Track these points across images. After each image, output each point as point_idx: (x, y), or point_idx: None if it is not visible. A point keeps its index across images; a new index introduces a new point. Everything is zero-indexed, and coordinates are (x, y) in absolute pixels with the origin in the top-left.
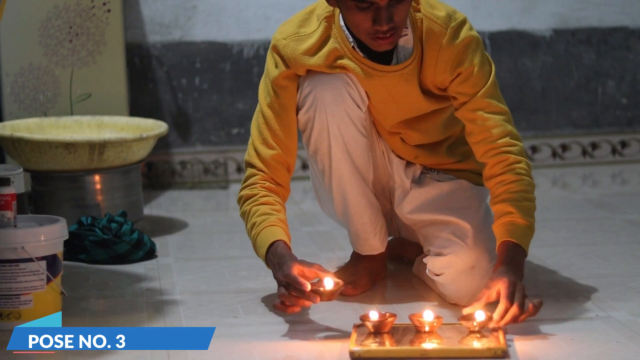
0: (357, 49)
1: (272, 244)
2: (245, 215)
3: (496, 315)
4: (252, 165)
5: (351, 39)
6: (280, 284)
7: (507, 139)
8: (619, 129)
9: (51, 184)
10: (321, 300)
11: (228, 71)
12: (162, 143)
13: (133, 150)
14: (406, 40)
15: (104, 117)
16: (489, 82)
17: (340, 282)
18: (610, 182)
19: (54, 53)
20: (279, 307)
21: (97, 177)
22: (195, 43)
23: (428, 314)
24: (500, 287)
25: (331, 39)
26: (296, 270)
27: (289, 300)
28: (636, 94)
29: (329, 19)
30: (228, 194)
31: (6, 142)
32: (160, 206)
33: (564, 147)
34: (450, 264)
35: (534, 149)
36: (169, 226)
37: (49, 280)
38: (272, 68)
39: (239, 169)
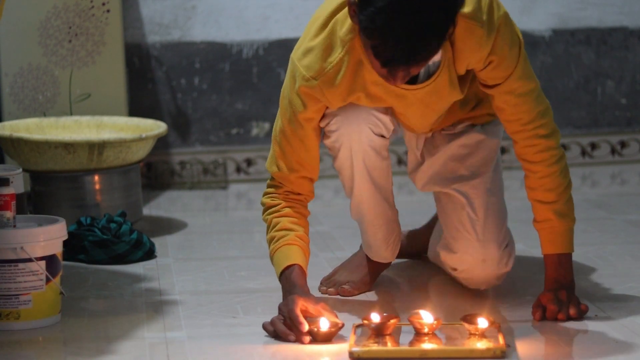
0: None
1: (287, 267)
2: (266, 225)
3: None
4: (272, 178)
5: None
6: (280, 313)
7: (537, 121)
8: (618, 129)
9: (50, 184)
10: (316, 341)
11: (227, 71)
12: (161, 143)
13: (132, 151)
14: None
15: (103, 117)
16: (519, 62)
17: (339, 323)
18: (610, 182)
19: (53, 53)
20: (266, 329)
21: (96, 177)
22: (194, 43)
23: (428, 316)
24: (544, 301)
25: (358, 70)
26: (299, 307)
27: (281, 331)
28: (635, 94)
29: (353, 45)
30: (227, 194)
31: (5, 142)
32: (160, 206)
33: (564, 147)
34: (461, 261)
35: None
36: (168, 226)
37: (48, 280)
38: (298, 103)
39: (239, 169)
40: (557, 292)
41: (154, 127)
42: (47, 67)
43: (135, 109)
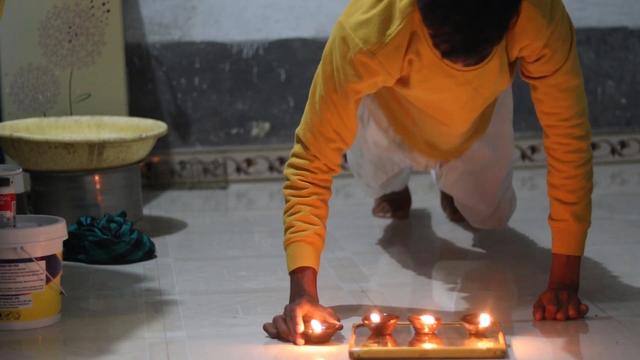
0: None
1: (300, 269)
2: (287, 204)
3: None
4: (305, 147)
5: None
6: (284, 313)
7: (574, 120)
8: (618, 129)
9: (50, 184)
10: (312, 343)
11: (227, 71)
12: (161, 143)
13: (132, 151)
14: None
15: (103, 117)
16: (570, 57)
17: (336, 324)
18: (610, 182)
19: (53, 53)
20: (267, 330)
21: (96, 177)
22: (194, 43)
23: (428, 316)
24: (544, 300)
25: (415, 38)
26: (303, 309)
27: (281, 331)
28: (635, 94)
29: (412, 19)
30: (227, 194)
31: (5, 142)
32: (160, 206)
33: None
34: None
35: (534, 149)
36: (168, 226)
37: (48, 280)
38: (351, 73)
39: (239, 169)
40: (559, 291)
41: (154, 127)
42: (47, 67)
43: (135, 109)
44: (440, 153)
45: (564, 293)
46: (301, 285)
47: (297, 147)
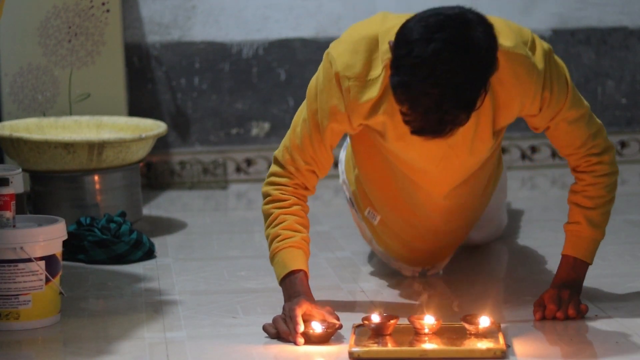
0: None
1: (292, 272)
2: (269, 217)
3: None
4: (283, 167)
5: None
6: (283, 313)
7: (589, 143)
8: (618, 129)
9: (50, 184)
10: (312, 342)
11: (227, 71)
12: (161, 143)
13: (132, 151)
14: None
15: (103, 117)
16: (569, 92)
17: (336, 324)
18: None
19: (53, 53)
20: (267, 330)
21: (96, 177)
22: (194, 43)
23: (428, 316)
24: (545, 298)
25: (388, 96)
26: (302, 309)
27: (281, 331)
28: (636, 94)
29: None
30: (227, 194)
31: (5, 142)
32: (159, 206)
33: None
34: None
35: (534, 149)
36: (168, 226)
37: (47, 280)
38: (327, 116)
39: (238, 169)
40: (560, 290)
41: (154, 127)
42: (47, 67)
43: (135, 109)
44: (425, 255)
45: (565, 292)
46: (295, 286)
47: (274, 168)
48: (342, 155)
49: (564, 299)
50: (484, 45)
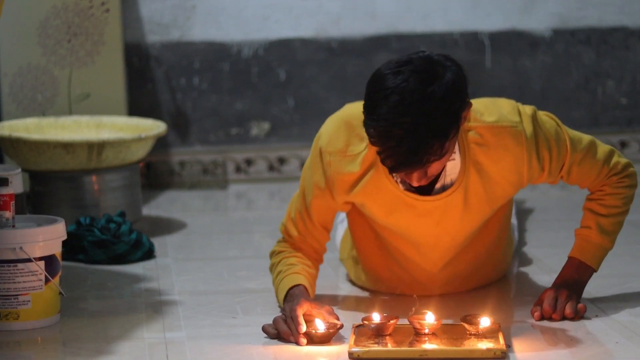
0: (398, 182)
1: (291, 287)
2: (273, 267)
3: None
4: (284, 238)
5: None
6: (283, 313)
7: (602, 172)
8: (618, 129)
9: (50, 184)
10: (314, 342)
11: (227, 71)
12: (160, 143)
13: (132, 151)
14: (453, 165)
15: (102, 117)
16: (567, 139)
17: (338, 324)
18: None
19: (53, 53)
20: (267, 331)
21: (95, 178)
22: (194, 43)
23: (428, 316)
24: (543, 298)
25: (373, 168)
26: (303, 308)
27: (282, 331)
28: (636, 94)
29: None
30: (227, 194)
31: (4, 142)
32: (159, 206)
33: None
34: None
35: None
36: (168, 226)
37: (47, 280)
38: (312, 174)
39: (238, 169)
40: (558, 290)
41: (154, 127)
42: (47, 66)
43: (135, 109)
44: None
45: (563, 292)
46: (295, 294)
47: (281, 234)
48: (339, 233)
49: (562, 299)
50: (452, 76)
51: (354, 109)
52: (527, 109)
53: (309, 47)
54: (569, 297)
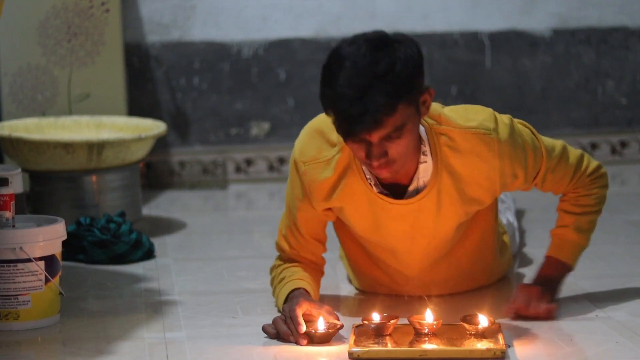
0: (372, 184)
1: (291, 291)
2: (273, 280)
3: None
4: (279, 255)
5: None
6: (283, 314)
7: (576, 176)
8: (618, 129)
9: (49, 184)
10: (314, 342)
11: (227, 71)
12: (160, 143)
13: (132, 151)
14: (425, 168)
15: (102, 117)
16: (541, 145)
17: (338, 324)
18: (610, 182)
19: (53, 53)
20: (266, 331)
21: (95, 178)
22: (194, 43)
23: (428, 316)
24: (516, 294)
25: (348, 172)
26: (302, 308)
27: (282, 332)
28: (636, 94)
29: (344, 147)
30: (227, 194)
31: (4, 142)
32: (159, 206)
33: None
34: None
35: None
36: (168, 226)
37: (47, 280)
38: (292, 188)
39: (238, 169)
40: (530, 287)
41: (154, 127)
42: (47, 67)
43: (135, 109)
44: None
45: (536, 289)
46: (295, 297)
47: (277, 258)
48: None
49: (533, 295)
50: (404, 48)
51: (323, 117)
52: (504, 118)
53: (309, 47)
54: (542, 293)
